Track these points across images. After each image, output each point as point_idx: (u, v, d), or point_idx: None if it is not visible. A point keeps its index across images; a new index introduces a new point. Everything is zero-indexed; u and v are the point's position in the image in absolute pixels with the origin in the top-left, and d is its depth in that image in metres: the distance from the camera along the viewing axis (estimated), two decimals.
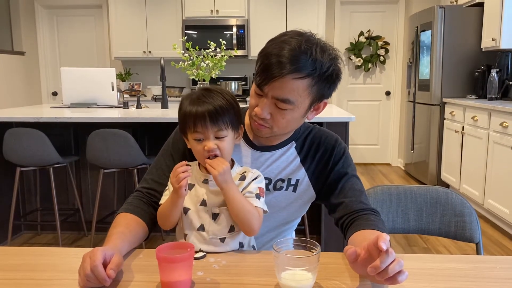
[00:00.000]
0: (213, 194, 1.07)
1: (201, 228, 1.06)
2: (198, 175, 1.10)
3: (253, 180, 1.08)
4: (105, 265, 0.87)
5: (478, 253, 1.37)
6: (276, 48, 1.01)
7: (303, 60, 1.00)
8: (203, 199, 1.07)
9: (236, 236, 1.08)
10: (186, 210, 1.08)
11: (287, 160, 1.19)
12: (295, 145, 1.20)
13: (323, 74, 1.03)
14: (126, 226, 1.06)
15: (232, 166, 1.11)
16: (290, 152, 1.19)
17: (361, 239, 0.99)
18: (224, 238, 1.07)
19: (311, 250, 0.89)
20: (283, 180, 1.18)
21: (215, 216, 1.06)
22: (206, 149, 1.03)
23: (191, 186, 1.09)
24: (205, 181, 1.08)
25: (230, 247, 1.07)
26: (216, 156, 1.04)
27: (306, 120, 1.16)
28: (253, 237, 1.13)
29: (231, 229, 1.07)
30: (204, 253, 1.03)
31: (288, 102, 1.03)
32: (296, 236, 1.29)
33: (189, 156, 1.15)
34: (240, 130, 1.11)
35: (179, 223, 1.11)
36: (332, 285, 0.89)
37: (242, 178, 1.08)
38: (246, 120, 1.20)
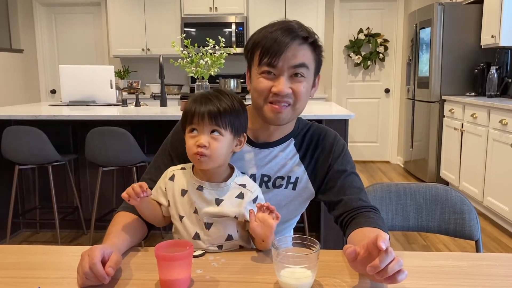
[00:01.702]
0: (205, 203, 1.03)
1: (197, 236, 1.04)
2: (192, 181, 1.05)
3: (252, 201, 1.04)
4: (103, 263, 0.86)
5: (477, 250, 1.37)
6: (266, 32, 1.07)
7: (297, 29, 1.07)
8: (195, 207, 1.04)
9: (235, 243, 1.06)
10: (180, 217, 1.06)
11: (286, 157, 1.18)
12: (294, 142, 1.19)
13: (315, 42, 1.09)
14: (125, 224, 1.06)
15: (231, 174, 1.07)
16: (289, 149, 1.19)
17: (360, 237, 0.99)
18: (222, 245, 1.05)
19: (311, 247, 0.88)
20: (282, 178, 1.18)
21: (208, 226, 1.03)
22: (196, 144, 0.98)
23: (184, 192, 1.05)
24: (200, 188, 1.04)
25: (229, 251, 1.06)
26: (204, 155, 0.97)
27: (309, 98, 1.15)
28: (251, 241, 1.12)
29: (229, 238, 1.04)
30: (203, 251, 1.03)
31: (304, 66, 1.07)
32: (294, 234, 1.28)
33: (187, 156, 1.15)
34: (242, 138, 1.07)
35: (175, 228, 1.09)
36: (332, 283, 0.88)
37: (240, 196, 1.04)
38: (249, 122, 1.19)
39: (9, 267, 0.96)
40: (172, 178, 1.08)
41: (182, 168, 1.10)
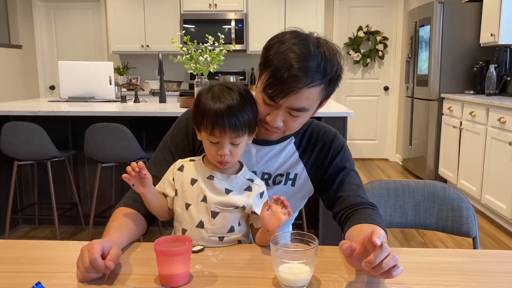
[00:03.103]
0: (215, 192, 1.06)
1: (200, 225, 1.06)
2: (203, 170, 1.08)
3: (259, 195, 1.08)
4: (103, 257, 0.87)
5: (475, 247, 1.37)
6: (283, 59, 0.98)
7: (315, 69, 0.99)
8: (204, 195, 1.06)
9: (235, 236, 1.08)
10: (187, 206, 1.07)
11: (286, 155, 1.19)
12: (294, 140, 1.20)
13: (333, 77, 1.03)
14: (125, 220, 1.06)
15: (240, 168, 1.10)
16: (290, 147, 1.19)
17: (358, 233, 1.00)
18: (223, 237, 1.06)
19: (309, 243, 0.89)
20: (282, 175, 1.19)
21: (214, 215, 1.05)
22: (219, 154, 1.02)
23: (193, 181, 1.07)
24: (210, 177, 1.07)
25: (228, 245, 1.07)
26: (227, 162, 1.03)
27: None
28: (251, 235, 1.13)
29: (231, 230, 1.06)
30: (202, 246, 1.03)
31: (303, 110, 1.04)
32: (293, 231, 1.29)
33: (189, 152, 1.17)
34: (255, 129, 1.09)
35: (177, 218, 1.10)
36: (330, 279, 0.89)
37: (248, 188, 1.08)
38: None
39: (9, 262, 0.97)
40: (181, 168, 1.10)
41: (191, 160, 1.12)
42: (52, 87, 5.83)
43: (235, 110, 1.00)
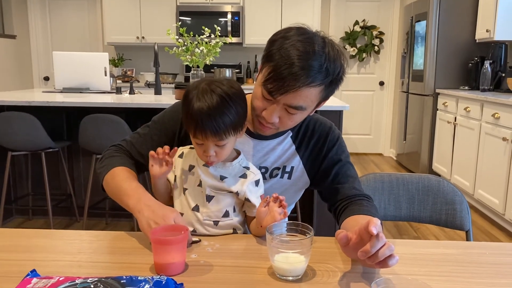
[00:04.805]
0: (210, 177, 1.08)
1: (196, 208, 1.08)
2: (200, 158, 1.10)
3: (254, 183, 1.09)
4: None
5: (467, 241, 1.39)
6: (286, 55, 0.97)
7: (317, 69, 0.97)
8: (200, 180, 1.08)
9: (230, 222, 1.09)
10: (184, 190, 1.10)
11: (283, 149, 1.19)
12: (291, 134, 1.20)
13: (334, 78, 1.02)
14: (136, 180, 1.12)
15: (237, 156, 1.11)
16: (286, 141, 1.20)
17: (353, 224, 1.00)
18: (218, 221, 1.08)
19: (304, 233, 0.90)
20: (278, 168, 1.20)
21: (209, 198, 1.08)
22: (204, 154, 1.03)
23: (191, 167, 1.10)
24: (206, 165, 1.08)
25: (223, 231, 1.08)
26: (213, 161, 1.05)
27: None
28: (247, 225, 1.14)
29: (226, 214, 1.08)
30: (199, 239, 1.04)
31: (300, 108, 1.03)
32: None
33: (177, 138, 1.19)
34: (244, 126, 1.08)
35: (175, 203, 1.12)
36: (325, 268, 0.90)
37: (244, 176, 1.09)
38: (248, 112, 1.18)
39: (4, 250, 0.97)
40: (181, 155, 1.13)
41: (191, 148, 1.14)
42: (46, 78, 5.78)
43: (215, 115, 0.97)
